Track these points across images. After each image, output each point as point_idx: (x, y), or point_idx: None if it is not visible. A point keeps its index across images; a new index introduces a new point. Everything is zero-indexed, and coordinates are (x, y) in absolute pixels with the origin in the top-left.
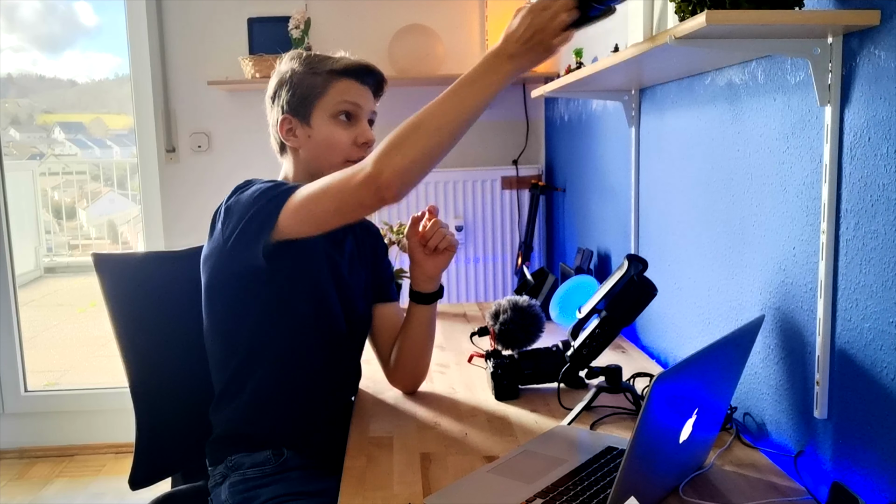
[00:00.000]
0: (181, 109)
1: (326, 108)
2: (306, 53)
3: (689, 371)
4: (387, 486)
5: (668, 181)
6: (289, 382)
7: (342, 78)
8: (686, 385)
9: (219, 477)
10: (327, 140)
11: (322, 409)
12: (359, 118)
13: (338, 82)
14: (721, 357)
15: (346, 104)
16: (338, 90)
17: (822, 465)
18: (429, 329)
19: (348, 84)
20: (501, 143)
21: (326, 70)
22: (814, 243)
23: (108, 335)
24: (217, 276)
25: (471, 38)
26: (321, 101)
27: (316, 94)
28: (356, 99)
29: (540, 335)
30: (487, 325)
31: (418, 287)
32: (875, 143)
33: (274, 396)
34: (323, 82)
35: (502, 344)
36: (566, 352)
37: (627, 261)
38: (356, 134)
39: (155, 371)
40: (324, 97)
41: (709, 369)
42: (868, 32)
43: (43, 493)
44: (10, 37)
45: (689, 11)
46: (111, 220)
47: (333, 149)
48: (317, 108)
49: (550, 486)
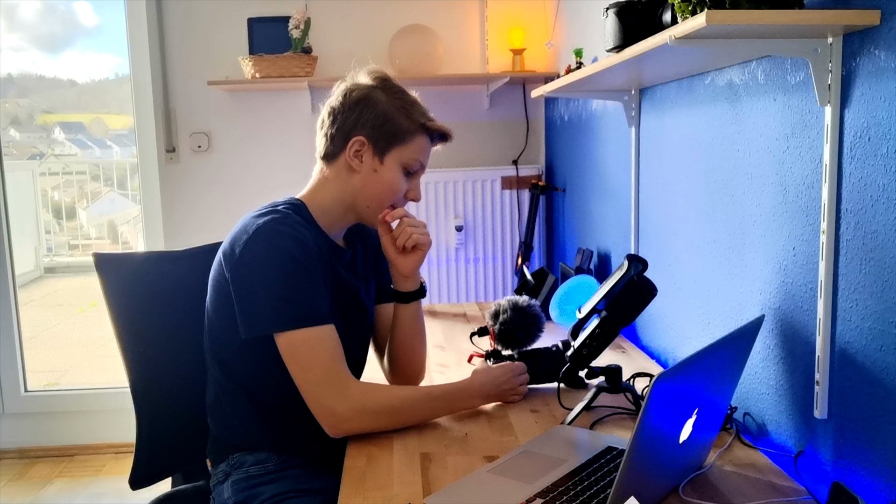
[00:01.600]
0: (181, 109)
1: (402, 156)
2: (397, 87)
3: (689, 371)
4: (387, 486)
5: (668, 181)
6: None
7: (425, 135)
8: (686, 385)
9: (221, 475)
10: (389, 184)
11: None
12: (418, 175)
13: (421, 137)
14: (721, 357)
15: (418, 163)
16: (419, 145)
17: (822, 465)
18: (414, 327)
19: (426, 142)
20: (501, 143)
21: (420, 122)
22: (814, 243)
23: (108, 335)
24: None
25: (471, 38)
26: (402, 148)
27: (401, 138)
28: (425, 160)
29: (540, 335)
30: (487, 325)
31: (397, 286)
32: (875, 143)
33: (274, 401)
34: (410, 130)
35: (502, 344)
36: (566, 352)
37: (627, 261)
38: (410, 188)
39: (155, 371)
40: (406, 145)
41: (709, 369)
42: (868, 32)
43: (43, 493)
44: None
45: (689, 11)
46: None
47: (390, 193)
48: (395, 151)
49: (550, 486)
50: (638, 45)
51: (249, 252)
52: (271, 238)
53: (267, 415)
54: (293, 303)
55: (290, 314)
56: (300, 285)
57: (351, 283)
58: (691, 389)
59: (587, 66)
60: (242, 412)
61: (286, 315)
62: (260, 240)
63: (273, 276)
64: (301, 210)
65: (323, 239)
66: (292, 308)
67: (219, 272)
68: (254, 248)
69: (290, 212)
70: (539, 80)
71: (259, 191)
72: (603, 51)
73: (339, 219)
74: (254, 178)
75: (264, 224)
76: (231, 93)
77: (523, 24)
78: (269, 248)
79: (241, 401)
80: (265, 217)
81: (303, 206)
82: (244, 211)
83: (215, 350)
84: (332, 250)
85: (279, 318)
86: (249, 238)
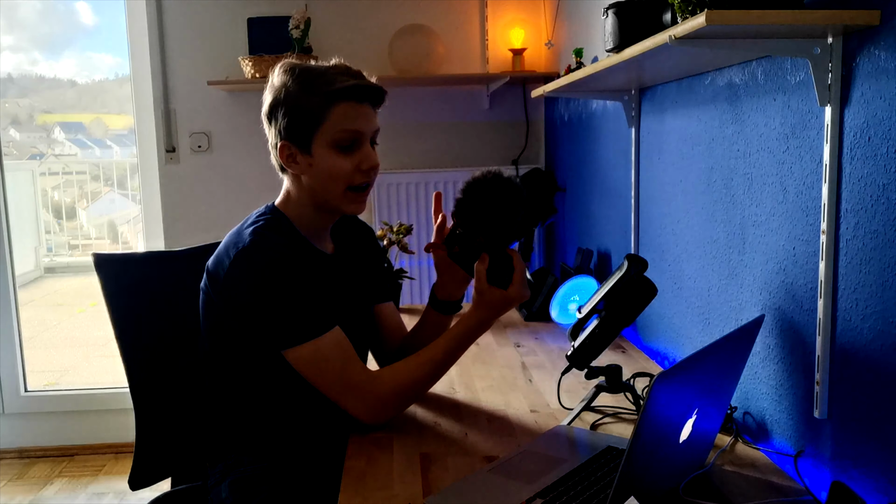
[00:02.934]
0: (181, 109)
1: (326, 137)
2: (300, 68)
3: (689, 371)
4: (387, 486)
5: (668, 181)
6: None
7: (340, 101)
8: (686, 385)
9: (218, 476)
10: (329, 170)
11: (321, 415)
12: (361, 143)
13: (336, 107)
14: (721, 357)
15: (346, 132)
16: (337, 116)
17: (822, 465)
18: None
19: (346, 108)
20: (501, 143)
21: (323, 93)
22: (814, 243)
23: (108, 335)
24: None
25: (471, 38)
26: (321, 130)
27: (314, 122)
28: (356, 125)
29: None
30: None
31: (444, 295)
32: (875, 143)
33: (270, 406)
34: (320, 107)
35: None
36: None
37: (627, 261)
38: (359, 160)
39: (155, 371)
40: (323, 125)
41: (709, 369)
42: (868, 32)
43: (43, 493)
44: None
45: (689, 11)
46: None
47: (335, 179)
48: (317, 137)
49: (550, 486)
50: (638, 45)
51: (235, 279)
52: (254, 260)
53: (264, 418)
54: (291, 319)
55: (291, 332)
56: (294, 300)
57: (341, 290)
58: (691, 389)
59: (587, 66)
60: (238, 418)
61: (287, 333)
62: (243, 266)
63: (265, 300)
64: (281, 221)
65: (306, 249)
66: (292, 325)
67: (206, 291)
68: (239, 275)
69: (271, 228)
70: (539, 80)
71: (259, 191)
72: (603, 51)
73: (316, 220)
74: (254, 178)
75: (245, 249)
76: (231, 93)
77: (523, 24)
78: (254, 273)
79: (236, 408)
80: (246, 238)
81: (283, 216)
82: (244, 211)
83: (207, 363)
84: (317, 259)
85: (282, 338)
86: (233, 262)
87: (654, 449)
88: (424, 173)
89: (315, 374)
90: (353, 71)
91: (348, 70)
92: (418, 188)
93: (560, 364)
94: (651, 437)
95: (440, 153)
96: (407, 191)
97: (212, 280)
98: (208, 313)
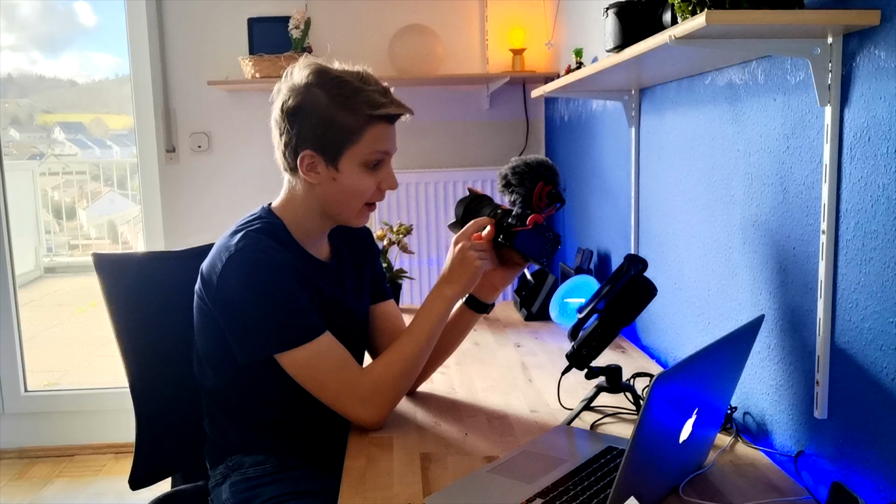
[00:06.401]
0: (181, 109)
1: (358, 155)
2: (332, 76)
3: (689, 371)
4: (387, 486)
5: (668, 181)
6: (280, 395)
7: (377, 123)
8: (686, 385)
9: (219, 477)
10: (354, 187)
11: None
12: (386, 162)
13: (373, 128)
14: (721, 357)
15: (379, 153)
16: (373, 137)
17: (822, 465)
18: (465, 334)
19: (381, 129)
20: (501, 143)
21: (365, 114)
22: (814, 243)
23: (108, 335)
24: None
25: (471, 38)
26: (354, 147)
27: (348, 139)
28: (387, 146)
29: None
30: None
31: (483, 297)
32: (875, 143)
33: (267, 408)
34: (357, 126)
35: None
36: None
37: (627, 261)
38: (381, 180)
39: (155, 371)
40: (358, 143)
41: (709, 369)
42: (868, 32)
43: (43, 493)
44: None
45: (689, 11)
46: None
47: (357, 196)
48: (347, 153)
49: (550, 486)
50: (638, 45)
51: (227, 284)
52: (245, 267)
53: (261, 421)
54: (283, 325)
55: (283, 337)
56: (286, 306)
57: (335, 295)
58: (691, 389)
59: (587, 66)
60: (236, 421)
61: (279, 339)
62: (235, 270)
63: (257, 304)
64: (276, 226)
65: (300, 257)
66: (284, 330)
67: (200, 296)
68: (231, 280)
69: (265, 232)
70: (539, 80)
71: (259, 191)
72: (603, 51)
73: (316, 227)
74: (254, 178)
75: (236, 254)
76: (231, 93)
77: (523, 24)
78: (245, 277)
79: (233, 410)
80: (238, 243)
81: (278, 220)
82: (244, 211)
83: (203, 366)
84: (312, 266)
85: (274, 343)
86: (224, 267)
87: (654, 449)
88: (424, 173)
89: (308, 378)
90: (384, 88)
91: (382, 88)
92: (418, 188)
93: (560, 364)
94: (651, 437)
95: (440, 153)
96: (407, 191)
97: (205, 284)
98: (202, 316)
